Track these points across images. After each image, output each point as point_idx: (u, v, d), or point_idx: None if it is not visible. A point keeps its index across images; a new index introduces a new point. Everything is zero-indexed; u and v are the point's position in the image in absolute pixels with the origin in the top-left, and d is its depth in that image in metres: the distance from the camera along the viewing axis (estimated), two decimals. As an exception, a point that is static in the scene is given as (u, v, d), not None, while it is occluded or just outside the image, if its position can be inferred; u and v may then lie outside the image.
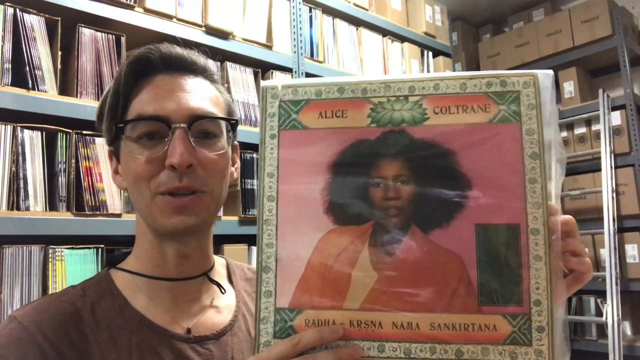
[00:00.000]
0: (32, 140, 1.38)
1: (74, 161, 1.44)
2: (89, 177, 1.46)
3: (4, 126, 1.33)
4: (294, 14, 2.16)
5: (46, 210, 1.38)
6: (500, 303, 0.51)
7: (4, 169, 1.31)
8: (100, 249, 1.44)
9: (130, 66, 0.67)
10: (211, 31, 1.83)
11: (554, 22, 3.05)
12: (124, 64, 0.68)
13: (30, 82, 1.39)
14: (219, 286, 0.74)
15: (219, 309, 0.73)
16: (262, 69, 2.00)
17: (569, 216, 0.55)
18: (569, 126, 2.97)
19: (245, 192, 1.85)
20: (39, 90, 1.40)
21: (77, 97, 1.48)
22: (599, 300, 2.67)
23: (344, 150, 0.56)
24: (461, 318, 0.52)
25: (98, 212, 1.46)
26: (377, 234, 0.54)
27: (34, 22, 1.44)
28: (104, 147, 1.49)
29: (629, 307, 2.72)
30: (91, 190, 1.46)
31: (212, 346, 0.68)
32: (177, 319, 0.68)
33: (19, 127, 1.35)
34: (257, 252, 0.57)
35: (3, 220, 1.28)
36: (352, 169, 0.56)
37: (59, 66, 1.47)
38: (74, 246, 1.40)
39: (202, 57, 0.72)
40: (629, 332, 2.72)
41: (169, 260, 0.69)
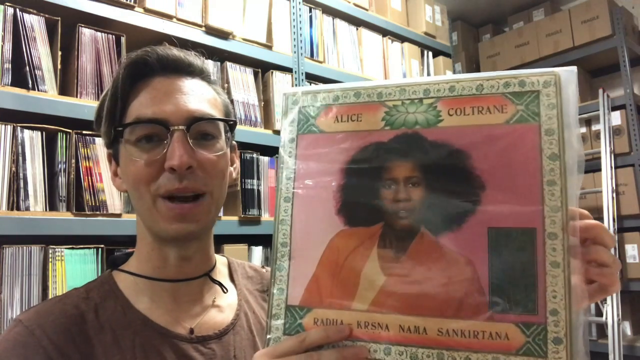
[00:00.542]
0: (32, 140, 1.38)
1: (74, 161, 1.43)
2: (89, 177, 1.46)
3: (4, 126, 1.33)
4: (294, 14, 2.16)
5: (46, 210, 1.38)
6: (513, 311, 0.48)
7: (4, 169, 1.31)
8: (100, 249, 1.44)
9: (127, 69, 0.67)
10: (211, 31, 1.83)
11: (554, 22, 3.05)
12: (121, 67, 0.68)
13: (30, 82, 1.39)
14: (221, 286, 0.74)
15: (221, 308, 0.73)
16: (262, 69, 2.00)
17: (595, 222, 0.51)
18: (569, 126, 2.96)
19: (245, 192, 1.85)
20: (39, 90, 1.40)
21: (77, 97, 1.48)
22: (598, 300, 2.66)
23: (357, 152, 0.57)
24: (471, 325, 0.49)
25: (98, 212, 1.46)
26: (386, 235, 0.54)
27: (34, 22, 1.44)
28: (103, 147, 1.49)
29: (629, 307, 2.72)
30: (91, 190, 1.46)
31: (214, 345, 0.68)
32: (180, 319, 0.69)
33: (19, 127, 1.35)
34: (272, 250, 0.58)
35: (3, 220, 1.28)
36: (365, 171, 0.56)
37: (59, 66, 1.47)
38: (74, 246, 1.40)
39: (199, 59, 0.72)
40: (629, 332, 2.72)
41: (170, 263, 0.70)
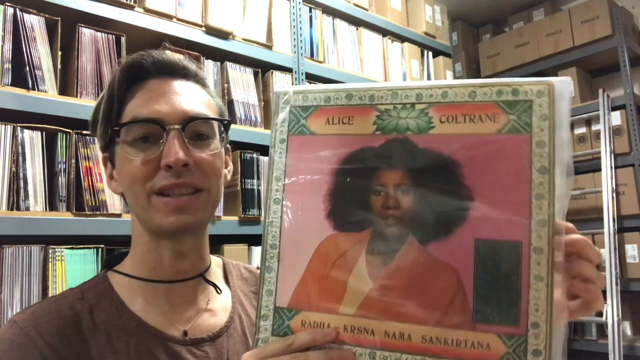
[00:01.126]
0: (32, 140, 1.38)
1: (74, 161, 1.43)
2: (89, 177, 1.46)
3: (4, 126, 1.33)
4: (294, 14, 2.16)
5: (46, 210, 1.38)
6: (495, 322, 0.49)
7: (4, 169, 1.31)
8: (100, 249, 1.44)
9: (123, 72, 0.68)
10: (211, 31, 1.82)
11: (554, 22, 3.05)
12: (117, 70, 0.69)
13: (30, 82, 1.39)
14: (215, 287, 0.74)
15: (214, 311, 0.73)
16: (262, 69, 2.00)
17: (579, 236, 0.51)
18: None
19: (245, 192, 1.84)
20: (39, 90, 1.40)
21: (77, 97, 1.48)
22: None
23: (347, 156, 0.56)
24: (454, 333, 0.50)
25: (98, 212, 1.46)
26: (375, 242, 0.54)
27: (34, 22, 1.44)
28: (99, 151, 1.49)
29: (629, 307, 2.72)
30: (91, 190, 1.46)
31: (208, 348, 0.68)
32: (174, 321, 0.69)
33: (19, 127, 1.35)
34: (262, 252, 0.58)
35: (3, 220, 1.28)
36: (355, 175, 0.56)
37: (59, 66, 1.47)
38: (74, 246, 1.39)
39: (193, 64, 0.74)
40: (629, 332, 2.72)
41: (165, 261, 0.70)
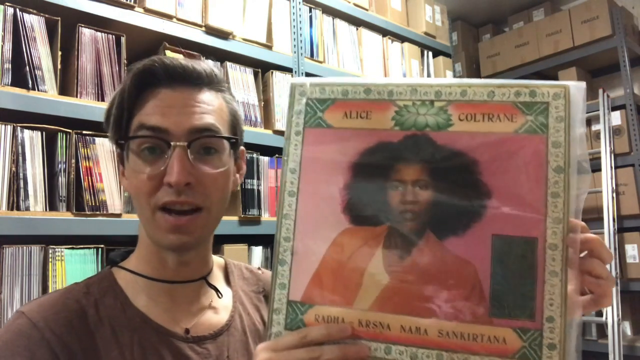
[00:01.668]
0: (32, 140, 1.38)
1: (74, 161, 1.43)
2: (89, 177, 1.46)
3: (4, 126, 1.33)
4: (294, 14, 2.16)
5: (46, 210, 1.38)
6: (511, 316, 0.50)
7: (4, 169, 1.31)
8: (100, 249, 1.44)
9: (133, 79, 0.67)
10: (211, 31, 1.82)
11: (554, 22, 3.05)
12: (128, 77, 0.68)
13: (30, 82, 1.39)
14: (217, 290, 0.75)
15: (216, 309, 0.74)
16: (262, 69, 2.00)
17: (594, 235, 0.53)
18: (569, 126, 2.97)
19: (245, 192, 1.85)
20: (39, 90, 1.40)
21: (77, 97, 1.48)
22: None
23: (365, 151, 0.57)
24: (470, 328, 0.51)
25: (98, 212, 1.46)
26: (392, 236, 0.54)
27: (34, 22, 1.43)
28: (104, 147, 1.49)
29: (629, 307, 2.72)
30: (91, 190, 1.45)
31: (209, 345, 0.69)
32: (177, 319, 0.70)
33: (19, 127, 1.35)
34: (275, 244, 0.57)
35: (3, 220, 1.28)
36: (372, 170, 0.56)
37: (59, 66, 1.46)
38: (74, 246, 1.40)
39: (208, 66, 0.71)
40: (629, 332, 2.72)
41: (168, 266, 0.71)
